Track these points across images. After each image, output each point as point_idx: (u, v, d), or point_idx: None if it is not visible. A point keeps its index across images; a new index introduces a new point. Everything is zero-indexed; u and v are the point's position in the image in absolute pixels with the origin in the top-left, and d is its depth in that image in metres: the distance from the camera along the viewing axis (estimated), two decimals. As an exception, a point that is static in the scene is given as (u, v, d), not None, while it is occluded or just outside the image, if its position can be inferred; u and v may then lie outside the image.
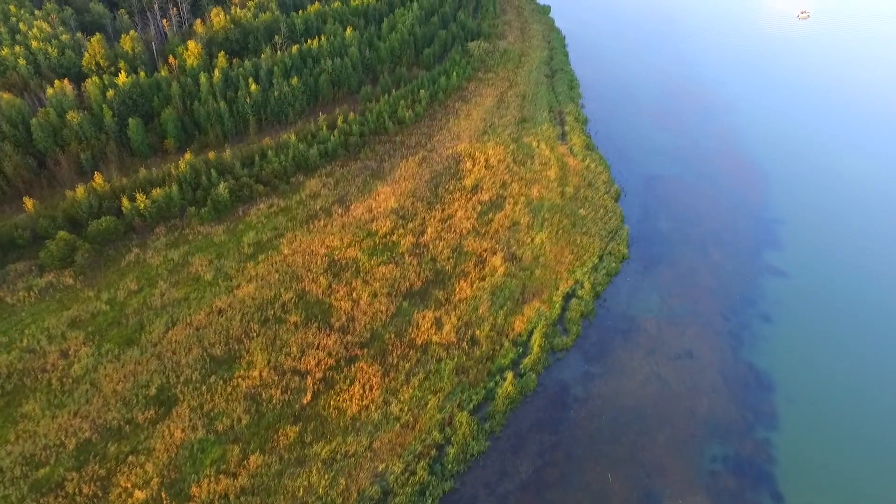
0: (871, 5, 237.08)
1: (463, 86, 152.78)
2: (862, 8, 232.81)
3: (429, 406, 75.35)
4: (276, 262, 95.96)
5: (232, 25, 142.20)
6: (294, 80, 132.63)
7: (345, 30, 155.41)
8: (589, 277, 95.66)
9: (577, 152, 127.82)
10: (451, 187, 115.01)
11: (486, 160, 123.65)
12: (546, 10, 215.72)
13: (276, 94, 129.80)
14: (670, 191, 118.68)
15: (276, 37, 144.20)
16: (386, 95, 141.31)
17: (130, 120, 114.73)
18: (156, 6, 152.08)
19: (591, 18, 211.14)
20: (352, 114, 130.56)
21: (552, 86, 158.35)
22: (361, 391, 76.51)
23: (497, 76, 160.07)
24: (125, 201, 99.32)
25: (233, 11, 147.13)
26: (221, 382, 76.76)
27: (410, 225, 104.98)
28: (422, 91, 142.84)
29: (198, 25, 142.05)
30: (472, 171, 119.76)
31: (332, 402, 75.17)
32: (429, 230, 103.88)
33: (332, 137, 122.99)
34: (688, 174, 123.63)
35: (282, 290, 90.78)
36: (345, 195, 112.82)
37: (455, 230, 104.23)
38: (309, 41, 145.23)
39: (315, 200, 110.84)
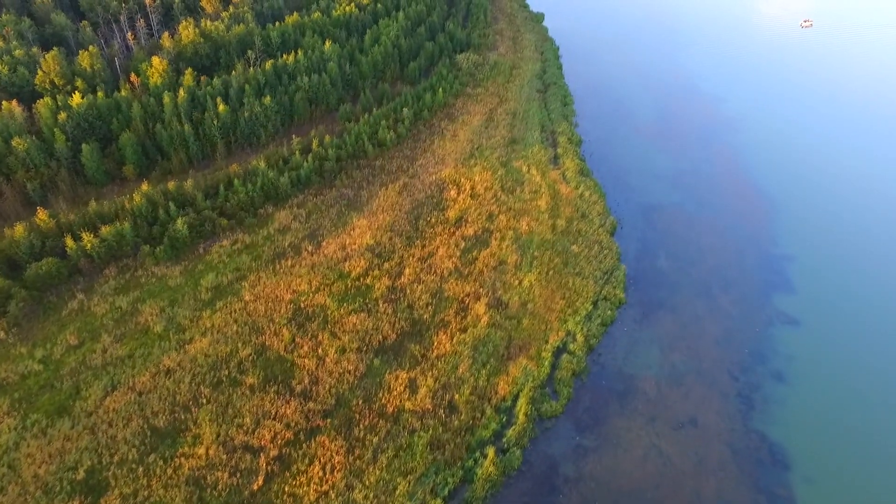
0: (876, 12, 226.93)
1: (450, 103, 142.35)
2: (866, 14, 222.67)
3: (398, 492, 65.21)
4: (235, 311, 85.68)
5: (202, 39, 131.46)
6: (267, 100, 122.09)
7: (324, 43, 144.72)
8: (582, 328, 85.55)
9: (571, 178, 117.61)
10: (433, 220, 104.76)
11: (472, 188, 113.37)
12: (539, 17, 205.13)
13: (246, 114, 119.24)
14: (670, 222, 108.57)
15: (249, 52, 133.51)
16: (367, 114, 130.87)
17: (84, 145, 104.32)
18: (123, 17, 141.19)
19: (587, 27, 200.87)
20: (328, 136, 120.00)
21: (544, 102, 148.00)
22: (321, 473, 66.32)
23: (486, 91, 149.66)
24: (69, 241, 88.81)
25: (203, 24, 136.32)
26: (161, 462, 66.49)
27: (387, 265, 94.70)
28: (405, 109, 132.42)
29: (165, 39, 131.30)
30: (457, 201, 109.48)
31: (286, 488, 64.98)
32: (407, 271, 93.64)
33: (305, 163, 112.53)
34: (689, 203, 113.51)
35: (239, 344, 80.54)
36: (317, 229, 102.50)
37: (435, 271, 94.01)
38: (285, 56, 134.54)
39: (284, 236, 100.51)
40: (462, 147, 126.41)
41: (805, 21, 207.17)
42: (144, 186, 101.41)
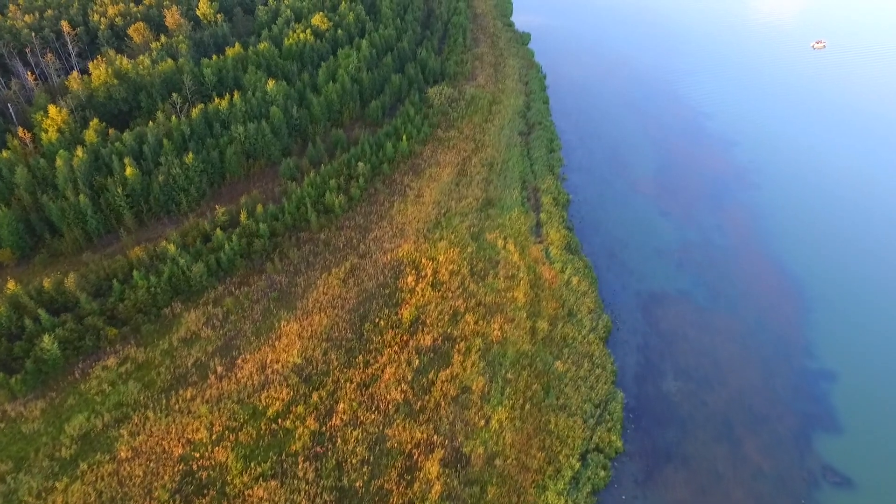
0: (892, 31, 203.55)
1: (416, 151, 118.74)
2: (881, 34, 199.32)
3: None
4: (103, 477, 62.54)
5: (116, 81, 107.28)
6: (189, 157, 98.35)
7: (271, 80, 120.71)
8: (566, 500, 62.59)
9: (555, 257, 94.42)
10: (383, 322, 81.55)
11: (435, 272, 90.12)
12: (526, 38, 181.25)
13: (161, 178, 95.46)
14: (678, 321, 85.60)
15: (174, 95, 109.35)
16: (315, 170, 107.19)
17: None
18: (28, 51, 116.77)
19: (578, 48, 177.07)
20: (261, 205, 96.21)
21: (527, 148, 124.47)
22: None
23: (461, 135, 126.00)
24: None
25: (119, 62, 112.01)
26: None
27: (316, 395, 71.52)
28: (360, 164, 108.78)
29: (72, 80, 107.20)
30: (415, 293, 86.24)
31: None
32: (341, 406, 70.50)
33: (228, 243, 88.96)
34: (700, 292, 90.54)
35: (97, 539, 57.32)
36: (234, 338, 79.23)
37: (379, 405, 70.92)
38: (217, 99, 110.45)
39: (190, 349, 77.22)
40: (427, 212, 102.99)
41: (817, 42, 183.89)
42: (10, 285, 77.71)
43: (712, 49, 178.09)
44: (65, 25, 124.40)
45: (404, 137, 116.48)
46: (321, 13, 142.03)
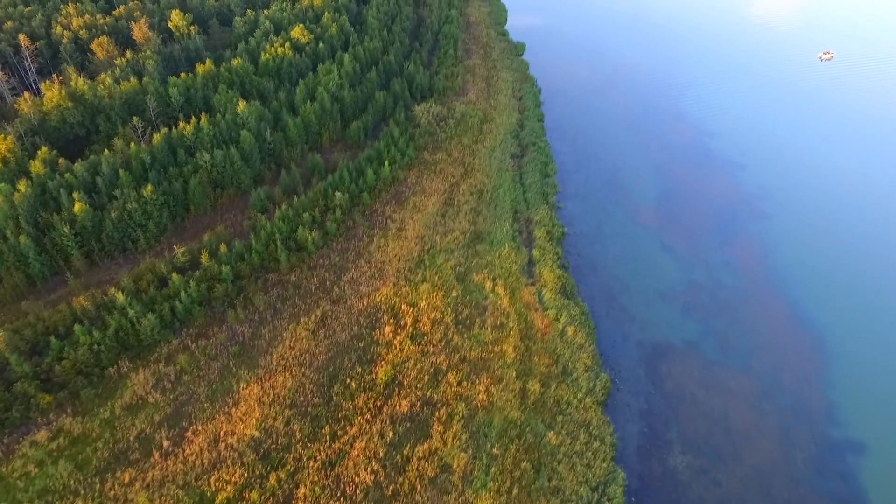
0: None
1: (400, 177, 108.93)
2: (891, 43, 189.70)
3: None
4: (18, 588, 52.81)
5: (70, 104, 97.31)
6: (147, 190, 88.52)
7: (244, 100, 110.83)
8: None
9: (549, 302, 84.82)
10: (355, 384, 71.96)
11: (416, 321, 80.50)
12: (520, 49, 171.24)
13: (114, 214, 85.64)
14: (684, 379, 76.13)
15: (135, 118, 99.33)
16: (288, 202, 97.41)
17: None
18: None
19: (575, 60, 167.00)
20: (224, 245, 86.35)
21: (520, 173, 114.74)
22: None
23: (449, 157, 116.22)
24: None
25: (74, 82, 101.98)
26: None
27: (274, 478, 61.90)
28: (338, 194, 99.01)
29: (22, 102, 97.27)
30: (392, 348, 76.64)
31: None
32: (301, 491, 60.94)
33: (185, 291, 79.21)
34: (708, 343, 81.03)
35: None
36: (185, 403, 69.58)
37: (345, 489, 61.35)
38: (182, 124, 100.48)
39: (134, 418, 67.60)
40: (409, 249, 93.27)
41: (825, 53, 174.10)
42: (-69, 347, 67.96)
43: (714, 60, 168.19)
44: (23, 39, 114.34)
45: (387, 163, 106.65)
46: (301, 25, 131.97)
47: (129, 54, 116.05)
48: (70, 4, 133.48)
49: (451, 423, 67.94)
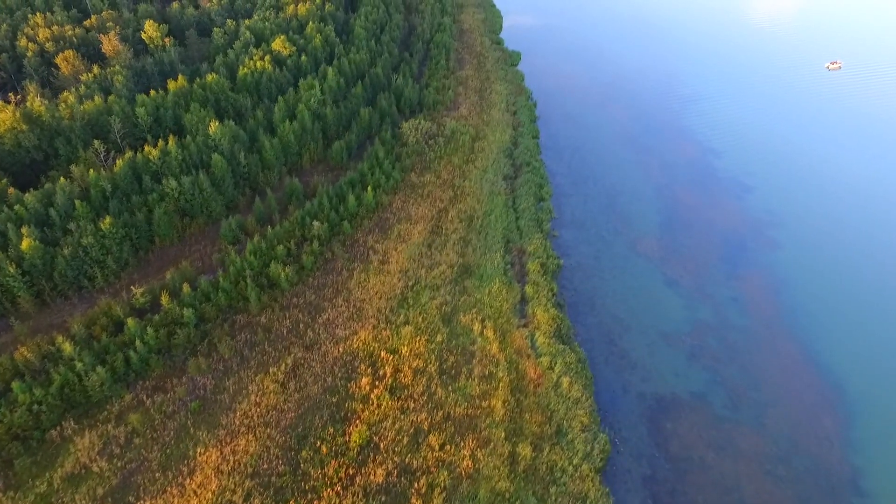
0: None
1: (384, 202, 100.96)
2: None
3: None
4: None
5: (24, 126, 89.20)
6: (107, 222, 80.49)
7: (218, 119, 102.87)
8: None
9: (542, 347, 76.96)
10: (326, 448, 64.12)
11: (396, 370, 72.66)
12: (515, 58, 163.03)
13: (67, 251, 77.62)
14: (692, 439, 68.34)
15: (96, 142, 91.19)
16: (260, 234, 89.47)
17: None
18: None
19: (573, 70, 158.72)
20: (187, 286, 78.32)
21: (513, 196, 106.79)
22: None
23: (437, 179, 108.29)
24: None
25: (30, 102, 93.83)
26: None
27: (228, 567, 53.99)
28: (316, 223, 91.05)
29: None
30: (369, 403, 68.83)
31: None
32: (258, 584, 52.97)
33: (143, 337, 71.30)
34: (717, 396, 73.26)
35: None
36: (134, 472, 61.69)
37: (308, 581, 53.46)
38: (147, 147, 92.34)
39: (75, 491, 59.71)
40: (392, 285, 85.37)
41: (832, 63, 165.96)
42: None
43: (717, 71, 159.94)
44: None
45: (370, 188, 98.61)
46: (283, 36, 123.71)
47: (96, 69, 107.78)
48: (39, 14, 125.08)
49: (432, 495, 60.11)
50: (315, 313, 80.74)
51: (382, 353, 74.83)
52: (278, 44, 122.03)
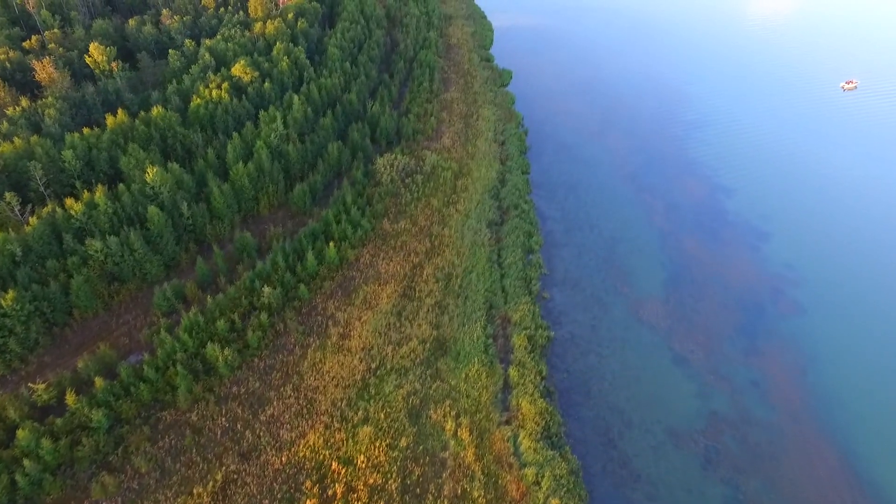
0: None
1: (350, 257, 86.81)
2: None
3: None
4: None
5: (-78, 178, 74.83)
6: (8, 298, 66.30)
7: (164, 160, 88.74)
8: None
9: (528, 453, 63.03)
10: None
11: (349, 488, 58.67)
12: (506, 77, 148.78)
13: (-44, 337, 63.41)
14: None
15: (8, 195, 76.76)
16: (198, 306, 75.36)
17: None
18: None
19: (567, 91, 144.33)
20: (99, 380, 64.18)
21: (498, 248, 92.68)
22: None
23: (413, 227, 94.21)
24: None
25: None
26: None
27: None
28: (267, 289, 76.85)
29: None
30: (310, 540, 54.76)
31: None
32: None
33: (38, 451, 57.21)
34: (741, 521, 59.31)
35: None
36: None
37: None
38: (69, 201, 77.94)
39: None
40: (351, 368, 71.35)
41: (847, 82, 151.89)
42: None
43: (725, 92, 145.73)
44: None
45: (332, 245, 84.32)
46: (244, 60, 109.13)
47: (25, 102, 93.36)
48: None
49: None
50: (258, 407, 66.70)
51: (334, 465, 60.89)
52: (238, 69, 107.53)
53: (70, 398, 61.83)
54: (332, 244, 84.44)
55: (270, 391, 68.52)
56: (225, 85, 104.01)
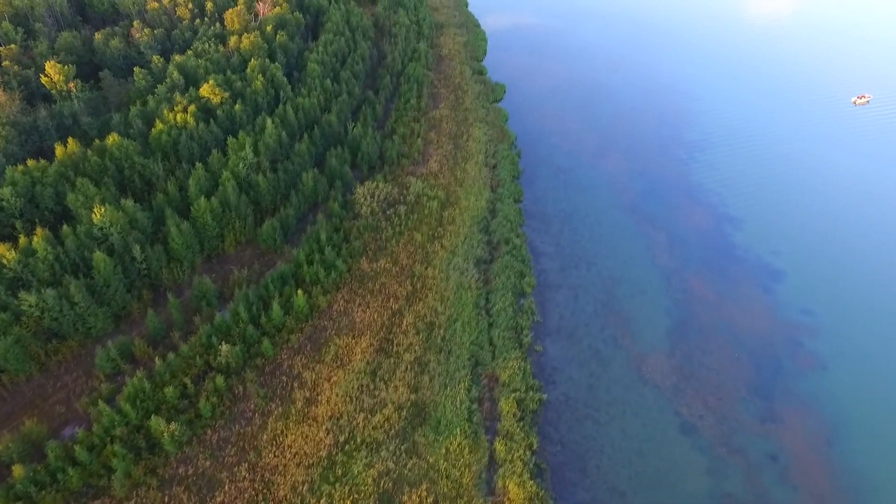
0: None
1: (321, 305, 77.70)
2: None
3: None
4: None
5: None
6: (-77, 367, 57.11)
7: (121, 195, 79.73)
8: None
9: (515, 552, 53.91)
10: None
11: None
12: (499, 92, 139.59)
13: None
14: None
15: (-67, 243, 67.64)
16: (145, 368, 66.36)
17: None
18: None
19: (564, 106, 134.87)
20: (18, 468, 55.14)
21: (487, 291, 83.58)
22: None
23: (394, 266, 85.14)
24: None
25: None
26: None
27: None
28: (225, 346, 67.81)
29: None
30: None
31: None
32: None
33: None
34: None
35: None
36: None
37: None
38: (2, 247, 68.78)
39: None
40: (317, 441, 62.40)
41: (860, 97, 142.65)
42: None
43: (729, 109, 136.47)
44: None
45: (299, 293, 75.12)
46: (213, 80, 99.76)
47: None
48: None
49: None
50: (206, 492, 57.75)
51: (289, 570, 51.89)
52: (207, 89, 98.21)
53: (-15, 491, 52.86)
54: (300, 292, 75.25)
55: (223, 472, 59.54)
56: (192, 108, 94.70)
